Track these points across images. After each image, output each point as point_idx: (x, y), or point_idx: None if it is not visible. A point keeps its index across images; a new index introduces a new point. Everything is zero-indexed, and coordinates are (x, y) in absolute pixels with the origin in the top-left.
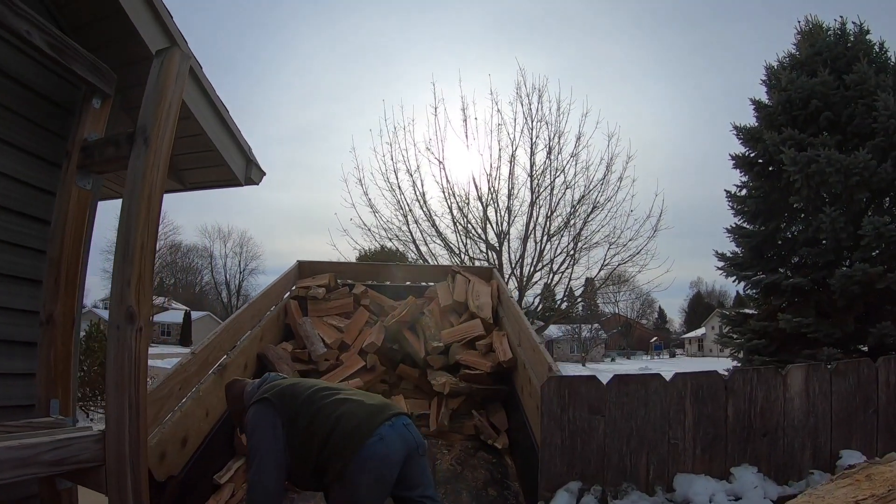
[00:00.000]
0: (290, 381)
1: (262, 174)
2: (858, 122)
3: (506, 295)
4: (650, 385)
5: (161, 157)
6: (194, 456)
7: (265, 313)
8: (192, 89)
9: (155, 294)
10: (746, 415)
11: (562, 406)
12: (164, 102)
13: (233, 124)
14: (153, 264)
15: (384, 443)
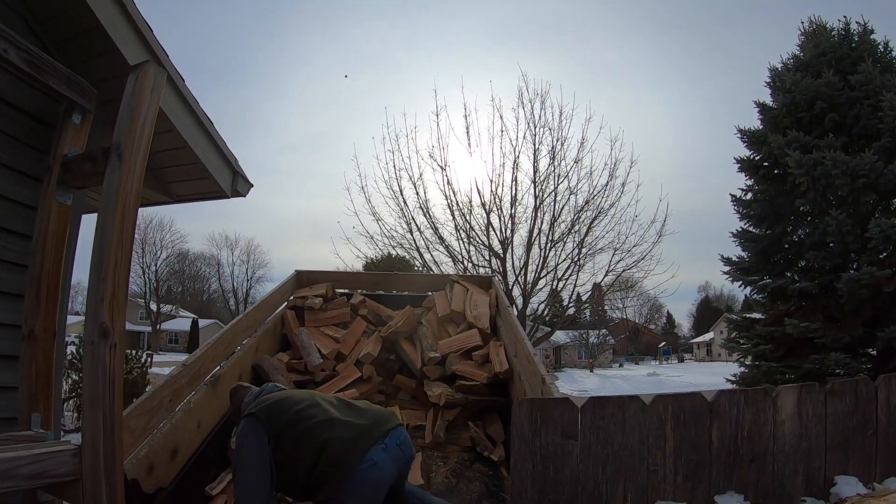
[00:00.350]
0: (280, 396)
1: (248, 186)
2: (864, 122)
3: (504, 304)
4: (627, 408)
5: (135, 173)
6: (185, 468)
7: (262, 323)
8: (173, 102)
9: (163, 302)
10: (732, 439)
11: (533, 429)
12: (139, 118)
13: (217, 136)
14: (127, 280)
15: (377, 468)
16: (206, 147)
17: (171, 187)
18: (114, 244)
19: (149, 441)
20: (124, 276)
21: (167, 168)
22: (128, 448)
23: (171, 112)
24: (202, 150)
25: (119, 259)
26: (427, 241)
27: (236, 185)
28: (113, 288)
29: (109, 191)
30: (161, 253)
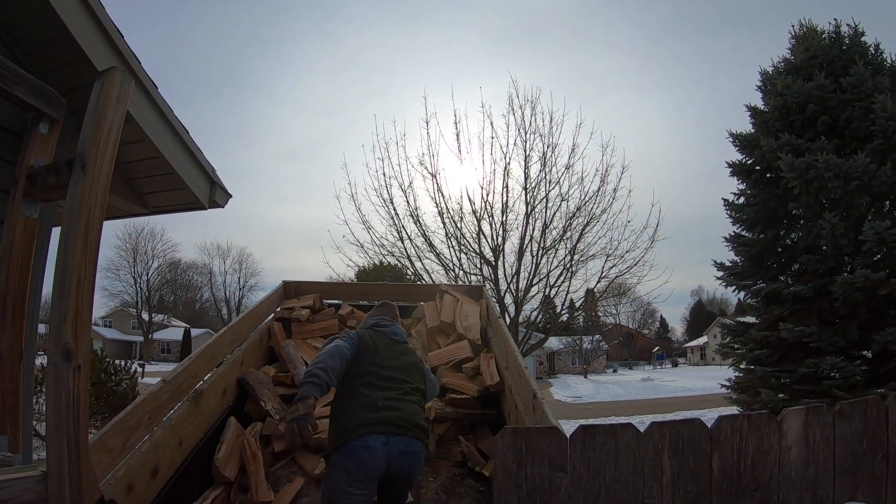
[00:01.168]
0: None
1: (227, 196)
2: (857, 125)
3: (494, 315)
4: (621, 437)
5: (100, 184)
6: (166, 487)
7: (247, 336)
8: (146, 111)
9: (155, 311)
10: (735, 468)
11: (518, 461)
12: (104, 126)
13: (193, 146)
14: (92, 297)
15: (367, 451)
16: (181, 157)
17: (147, 198)
18: (77, 259)
19: (127, 460)
20: (88, 292)
21: (142, 178)
22: (105, 467)
23: (143, 121)
24: (177, 161)
25: (83, 275)
26: (418, 249)
27: (214, 196)
28: (76, 306)
29: (73, 203)
30: (153, 262)
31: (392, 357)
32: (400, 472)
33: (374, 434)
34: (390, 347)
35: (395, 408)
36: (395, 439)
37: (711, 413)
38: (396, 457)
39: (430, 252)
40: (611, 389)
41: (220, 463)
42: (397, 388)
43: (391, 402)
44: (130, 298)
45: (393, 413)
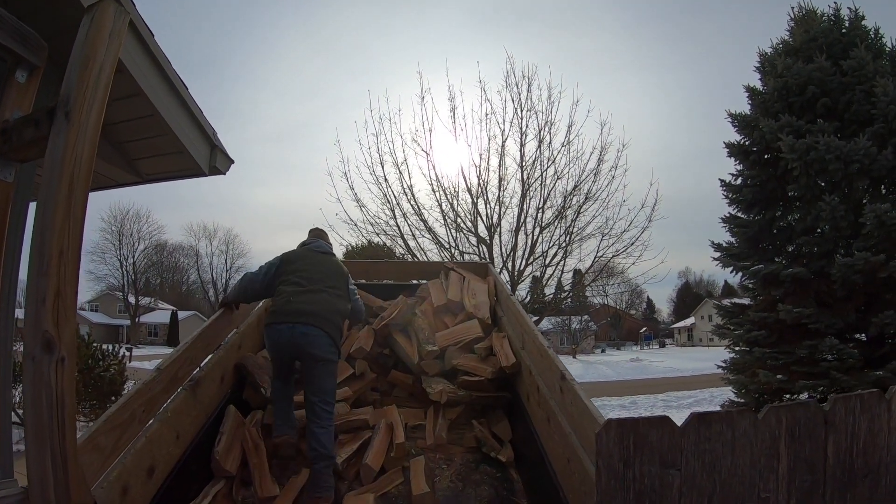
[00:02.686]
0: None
1: (229, 162)
2: (857, 108)
3: (504, 293)
4: (738, 425)
5: (87, 135)
6: (164, 485)
7: (244, 318)
8: (140, 60)
9: (141, 294)
10: (848, 453)
11: (625, 459)
12: (93, 66)
13: (193, 103)
14: (77, 275)
15: (278, 333)
16: (179, 116)
17: (139, 164)
18: (58, 227)
19: (121, 460)
20: (73, 269)
21: (134, 141)
22: (97, 470)
23: (137, 72)
24: (175, 120)
25: (66, 246)
26: (412, 227)
27: (214, 161)
28: (58, 285)
29: (54, 158)
30: (138, 245)
31: (311, 264)
32: (304, 351)
33: (284, 322)
34: (310, 257)
35: (302, 301)
36: (299, 326)
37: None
38: (298, 338)
39: (424, 230)
40: (600, 370)
41: (221, 456)
42: (309, 287)
43: (301, 296)
44: (116, 282)
45: (301, 306)
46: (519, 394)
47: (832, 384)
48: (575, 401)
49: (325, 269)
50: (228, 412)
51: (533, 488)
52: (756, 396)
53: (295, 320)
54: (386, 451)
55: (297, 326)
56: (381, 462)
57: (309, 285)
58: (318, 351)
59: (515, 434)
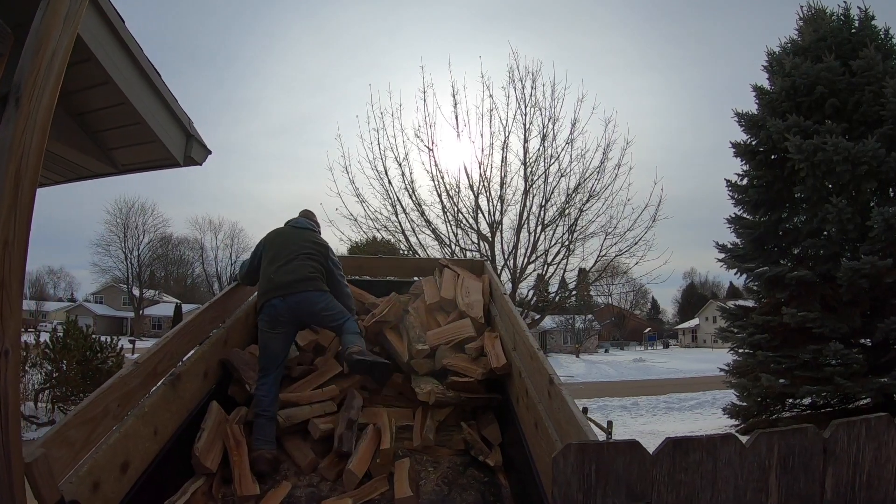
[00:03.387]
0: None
1: (206, 152)
2: (865, 109)
3: (499, 291)
4: (720, 453)
5: (37, 122)
6: (139, 481)
7: (232, 313)
8: (109, 47)
9: (146, 287)
10: (849, 486)
11: (585, 489)
12: (45, 51)
13: (166, 91)
14: (23, 266)
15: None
16: (150, 103)
17: (115, 154)
18: (4, 217)
19: (92, 454)
20: (19, 259)
21: (107, 131)
22: (66, 464)
23: (106, 59)
24: (147, 108)
25: (12, 236)
26: (413, 223)
27: (190, 151)
28: (2, 276)
29: (1, 146)
30: (143, 237)
31: (290, 238)
32: (305, 312)
33: (275, 296)
34: (286, 233)
35: (282, 273)
36: (290, 297)
37: (706, 396)
38: (293, 306)
39: (425, 226)
40: (603, 370)
41: (201, 452)
42: (284, 258)
43: (278, 270)
44: (121, 274)
45: (282, 278)
46: (509, 396)
47: (836, 390)
48: (562, 407)
49: (297, 239)
50: (211, 408)
51: (520, 495)
52: (759, 400)
53: (285, 292)
54: (372, 457)
55: (288, 297)
56: (365, 468)
57: (284, 258)
58: (313, 306)
59: (505, 438)
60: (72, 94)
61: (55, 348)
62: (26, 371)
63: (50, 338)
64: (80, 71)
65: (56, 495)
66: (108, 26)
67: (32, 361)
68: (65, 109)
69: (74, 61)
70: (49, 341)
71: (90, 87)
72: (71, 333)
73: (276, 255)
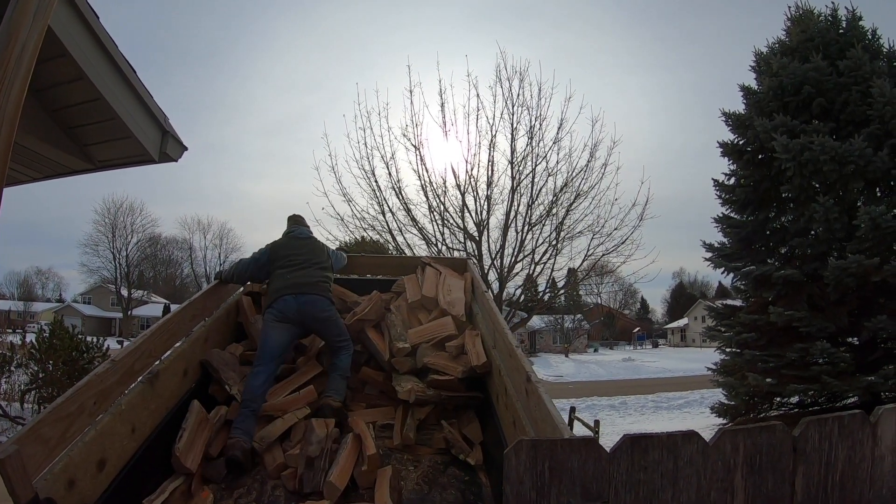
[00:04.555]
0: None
1: (181, 149)
2: (853, 109)
3: (480, 289)
4: (682, 452)
5: (6, 115)
6: (116, 480)
7: (212, 311)
8: (83, 42)
9: (134, 287)
10: (821, 487)
11: (539, 487)
12: (14, 44)
13: (140, 87)
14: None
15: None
16: (124, 99)
17: (91, 151)
18: None
19: (68, 452)
20: None
21: (83, 127)
22: (41, 461)
23: (79, 55)
24: (120, 103)
25: None
26: (400, 223)
27: (165, 148)
28: None
29: None
30: (132, 237)
31: (297, 247)
32: (311, 315)
33: (289, 293)
34: (293, 244)
35: (298, 276)
36: (302, 296)
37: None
38: (303, 305)
39: (412, 226)
40: (592, 369)
41: (181, 452)
42: (300, 265)
43: (295, 273)
44: (109, 274)
45: (298, 279)
46: (490, 394)
47: (823, 388)
48: (539, 405)
49: (307, 250)
50: (192, 407)
51: (501, 494)
52: (746, 399)
53: (298, 291)
54: (353, 466)
55: (300, 296)
56: (346, 479)
57: (299, 265)
58: (321, 312)
59: (486, 436)
60: (47, 89)
61: (41, 348)
62: (12, 371)
63: (36, 338)
64: (54, 66)
65: (30, 492)
66: (82, 22)
67: (18, 362)
68: (40, 105)
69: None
70: (35, 341)
71: (65, 83)
72: (57, 333)
73: (289, 261)
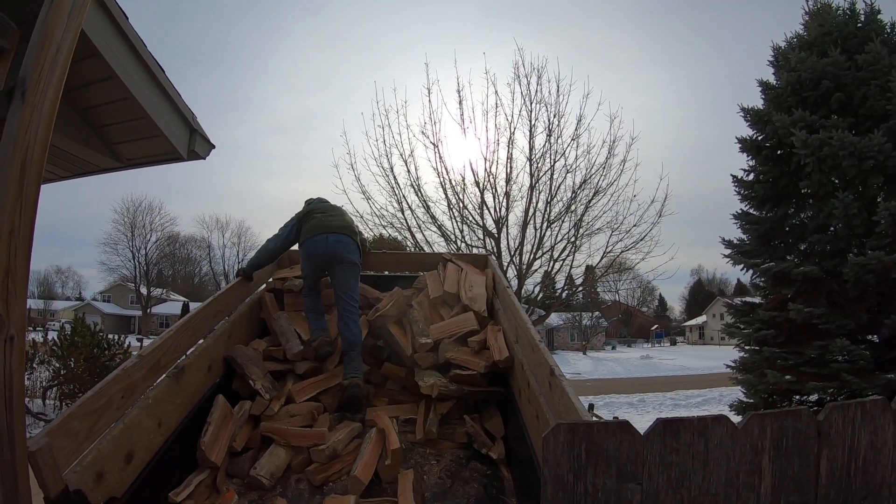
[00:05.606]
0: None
1: (209, 147)
2: (872, 103)
3: (502, 285)
4: (712, 434)
5: (43, 114)
6: (143, 473)
7: (236, 307)
8: (114, 43)
9: (153, 286)
10: (845, 470)
11: (576, 469)
12: (50, 46)
13: (170, 86)
14: (28, 254)
15: (314, 243)
16: (155, 98)
17: (120, 149)
18: (10, 205)
19: (96, 445)
20: (24, 248)
21: (112, 126)
22: (70, 454)
23: (110, 55)
24: (150, 102)
25: (17, 225)
26: (419, 220)
27: (194, 146)
28: (7, 263)
29: (8, 137)
30: (151, 236)
31: (326, 206)
32: (337, 255)
33: (319, 234)
34: (322, 204)
35: (330, 219)
36: (332, 235)
37: (713, 392)
38: (332, 245)
39: (431, 223)
40: (610, 367)
41: (207, 446)
42: (331, 212)
43: (327, 217)
44: (129, 273)
45: (330, 222)
46: (512, 389)
47: (842, 386)
48: (562, 398)
49: (337, 208)
50: (217, 402)
51: (523, 487)
52: (765, 397)
53: (328, 231)
54: (377, 461)
55: (330, 236)
56: (370, 474)
57: (332, 212)
58: (348, 254)
59: (508, 430)
60: (77, 89)
61: (63, 346)
62: (34, 368)
63: (58, 335)
64: (84, 66)
65: (60, 484)
66: (112, 23)
67: (40, 359)
68: (70, 105)
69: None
70: (57, 339)
71: (95, 83)
72: (78, 331)
73: (322, 213)
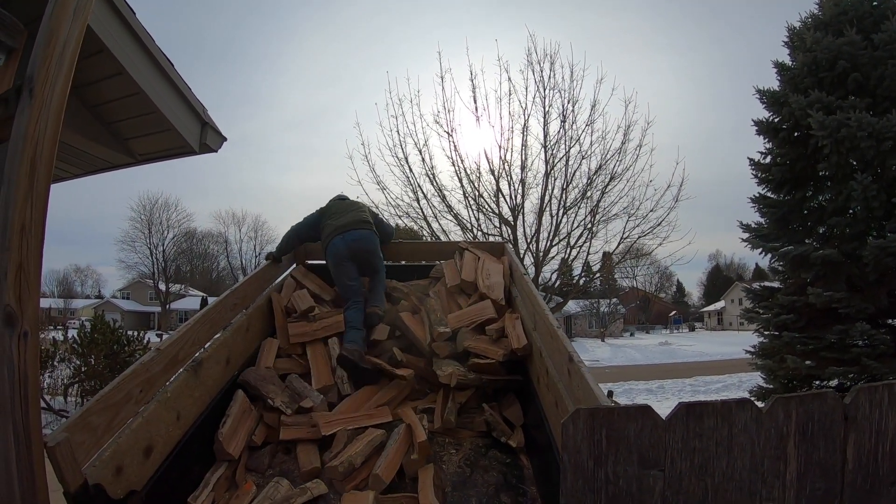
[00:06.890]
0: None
1: (221, 139)
2: (889, 83)
3: (519, 272)
4: (736, 419)
5: (51, 111)
6: (162, 466)
7: (253, 300)
8: (122, 39)
9: (171, 282)
10: (872, 455)
11: (596, 456)
12: (56, 42)
13: (179, 80)
14: (40, 250)
15: (335, 246)
16: (164, 92)
17: (132, 144)
18: (20, 202)
19: (115, 439)
20: (36, 244)
21: (123, 121)
22: (89, 448)
23: (119, 51)
24: (160, 97)
25: (28, 221)
26: (434, 209)
27: (205, 139)
28: (20, 259)
29: (17, 134)
30: (168, 233)
31: (341, 205)
32: (359, 249)
33: (337, 235)
34: (338, 204)
35: (343, 219)
36: (349, 233)
37: (732, 378)
38: (351, 242)
39: (447, 212)
40: (628, 353)
41: (224, 438)
42: (344, 212)
43: (341, 217)
44: (147, 269)
45: (342, 221)
46: (531, 376)
47: (862, 371)
48: (581, 384)
49: (349, 205)
50: (237, 396)
51: (542, 475)
52: (785, 382)
53: (344, 230)
54: (402, 457)
55: (347, 234)
56: (393, 473)
57: (342, 212)
58: (368, 245)
59: (527, 418)
60: (87, 85)
61: (83, 343)
62: (55, 366)
63: (78, 333)
64: (93, 63)
65: (79, 479)
66: (119, 18)
67: (61, 356)
68: (81, 101)
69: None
70: (77, 336)
71: (104, 79)
72: (98, 328)
73: (335, 213)
